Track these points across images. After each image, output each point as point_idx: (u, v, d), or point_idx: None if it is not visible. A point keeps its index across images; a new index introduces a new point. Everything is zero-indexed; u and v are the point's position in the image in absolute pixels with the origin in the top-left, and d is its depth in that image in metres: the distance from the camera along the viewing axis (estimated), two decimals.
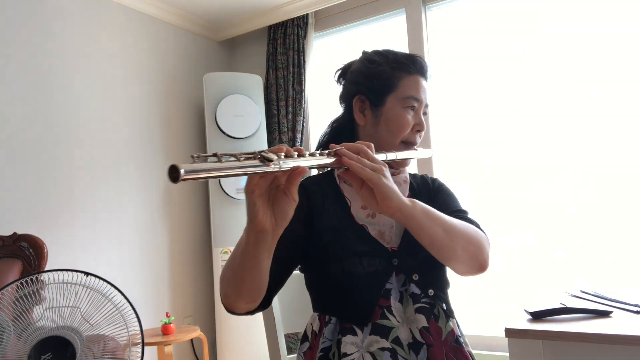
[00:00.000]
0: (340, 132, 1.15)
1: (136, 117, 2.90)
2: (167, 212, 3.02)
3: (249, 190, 0.75)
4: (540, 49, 2.54)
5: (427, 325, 0.97)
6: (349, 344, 0.96)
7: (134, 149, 2.87)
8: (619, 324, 0.98)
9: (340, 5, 3.04)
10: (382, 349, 0.94)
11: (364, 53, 1.15)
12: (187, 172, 0.59)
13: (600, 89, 2.39)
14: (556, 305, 1.12)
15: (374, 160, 0.86)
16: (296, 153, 0.75)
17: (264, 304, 0.95)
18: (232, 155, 0.66)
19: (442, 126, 2.79)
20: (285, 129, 3.13)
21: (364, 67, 1.11)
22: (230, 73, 3.24)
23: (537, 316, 1.07)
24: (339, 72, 1.19)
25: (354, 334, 0.97)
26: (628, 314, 1.04)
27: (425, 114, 1.12)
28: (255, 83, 3.16)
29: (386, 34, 3.01)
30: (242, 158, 0.67)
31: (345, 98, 1.15)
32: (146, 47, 3.01)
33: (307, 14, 3.11)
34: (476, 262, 0.95)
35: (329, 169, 1.13)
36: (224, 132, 3.00)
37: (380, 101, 1.08)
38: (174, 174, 0.59)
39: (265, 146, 3.10)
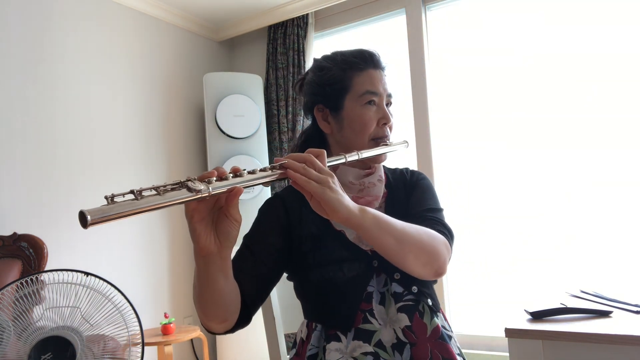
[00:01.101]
0: (310, 144, 1.13)
1: (136, 117, 2.90)
2: (167, 212, 3.02)
3: (188, 216, 0.75)
4: (540, 48, 2.54)
5: (409, 324, 0.96)
6: (333, 350, 0.96)
7: (134, 149, 2.87)
8: (619, 324, 0.98)
9: (340, 5, 3.04)
10: (365, 353, 0.94)
11: (314, 61, 1.15)
12: (94, 218, 0.58)
13: (601, 90, 2.38)
14: (556, 305, 1.12)
15: (320, 170, 0.84)
16: (231, 174, 0.75)
17: (242, 322, 0.94)
18: (154, 188, 0.66)
19: (441, 126, 2.79)
20: (285, 129, 3.13)
21: (315, 76, 1.11)
22: (230, 73, 3.24)
23: (537, 316, 1.07)
24: (297, 85, 1.19)
25: (338, 340, 0.97)
26: (628, 314, 1.04)
27: (389, 104, 1.10)
28: (255, 83, 3.16)
29: (386, 34, 3.01)
30: (168, 189, 0.66)
31: (307, 110, 1.15)
32: (146, 47, 3.01)
33: (307, 14, 3.11)
34: (430, 270, 0.93)
35: None
36: (224, 132, 3.00)
37: (339, 105, 1.07)
38: (82, 219, 0.58)
39: (265, 146, 3.10)
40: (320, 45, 3.21)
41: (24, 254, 2.02)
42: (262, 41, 3.37)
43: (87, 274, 1.68)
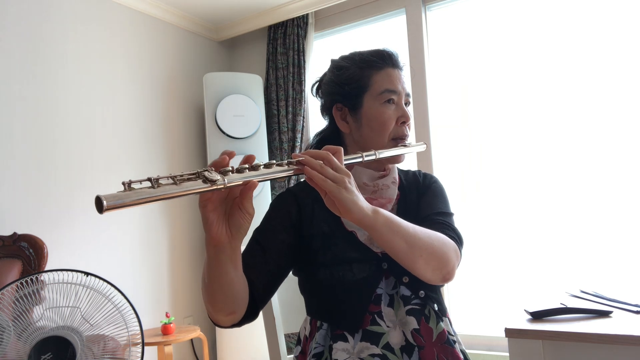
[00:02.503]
0: (325, 144, 1.11)
1: (136, 117, 2.90)
2: (167, 212, 3.02)
3: (201, 204, 0.75)
4: (540, 48, 2.54)
5: (417, 327, 0.97)
6: (340, 350, 0.96)
7: (134, 149, 2.87)
8: (619, 324, 0.98)
9: (340, 5, 3.04)
10: (373, 355, 0.94)
11: (332, 61, 1.14)
12: (110, 203, 0.59)
13: (601, 89, 2.38)
14: (556, 305, 1.12)
15: (337, 168, 0.84)
16: (248, 167, 0.75)
17: (250, 316, 0.94)
18: (170, 177, 0.66)
19: (441, 125, 2.79)
20: (285, 129, 3.13)
21: (334, 75, 1.11)
22: (230, 73, 3.24)
23: (537, 316, 1.07)
24: (315, 86, 1.19)
25: (345, 340, 0.97)
26: (628, 314, 1.04)
27: (408, 103, 1.10)
28: (255, 83, 3.16)
29: (386, 34, 3.01)
30: (185, 179, 0.67)
31: (325, 110, 1.15)
32: (146, 47, 3.01)
33: (307, 14, 3.11)
34: (439, 275, 0.93)
35: None
36: (224, 132, 3.00)
37: (357, 104, 1.07)
38: (98, 204, 0.59)
39: (265, 146, 3.10)
40: (320, 45, 3.21)
41: (24, 254, 2.02)
42: (262, 41, 3.37)
43: (87, 274, 1.68)
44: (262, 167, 0.77)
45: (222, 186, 0.70)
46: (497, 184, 2.63)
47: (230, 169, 0.73)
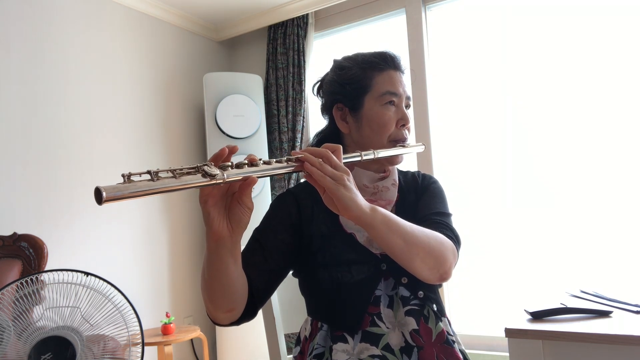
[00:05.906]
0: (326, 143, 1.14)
1: (136, 117, 2.90)
2: (167, 212, 3.02)
3: (202, 200, 0.76)
4: (540, 47, 2.54)
5: (417, 327, 0.97)
6: (340, 351, 0.96)
7: (134, 149, 2.87)
8: (619, 324, 0.98)
9: (340, 5, 3.04)
10: (373, 356, 0.95)
11: (335, 62, 1.14)
12: (109, 195, 0.59)
13: (601, 88, 2.38)
14: (556, 305, 1.12)
15: (336, 166, 0.84)
16: (247, 163, 0.75)
17: (248, 314, 0.94)
18: (170, 171, 0.66)
19: (442, 125, 2.79)
20: (285, 129, 3.13)
21: (336, 75, 1.11)
22: (230, 73, 3.24)
23: (537, 316, 1.07)
24: (316, 85, 1.19)
25: (345, 341, 0.97)
26: (628, 314, 1.04)
27: (408, 106, 1.11)
28: (255, 83, 3.16)
29: (386, 34, 3.01)
30: (184, 172, 0.67)
31: (325, 110, 1.15)
32: (146, 47, 3.01)
33: (307, 14, 3.11)
34: (435, 274, 0.93)
35: None
36: (224, 132, 3.00)
37: (358, 104, 1.07)
38: (97, 196, 0.59)
39: (265, 146, 3.10)
40: (320, 45, 3.21)
41: (24, 254, 2.02)
42: (262, 41, 3.37)
43: (87, 274, 1.68)
44: (261, 163, 0.77)
45: (221, 181, 0.70)
46: (497, 184, 2.63)
47: (230, 164, 0.73)
